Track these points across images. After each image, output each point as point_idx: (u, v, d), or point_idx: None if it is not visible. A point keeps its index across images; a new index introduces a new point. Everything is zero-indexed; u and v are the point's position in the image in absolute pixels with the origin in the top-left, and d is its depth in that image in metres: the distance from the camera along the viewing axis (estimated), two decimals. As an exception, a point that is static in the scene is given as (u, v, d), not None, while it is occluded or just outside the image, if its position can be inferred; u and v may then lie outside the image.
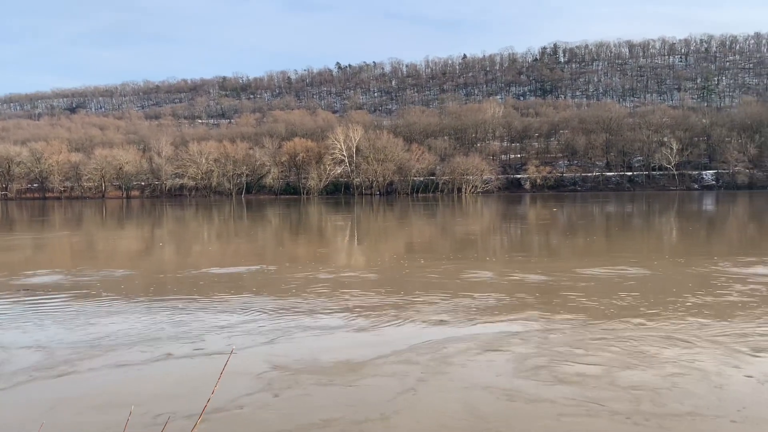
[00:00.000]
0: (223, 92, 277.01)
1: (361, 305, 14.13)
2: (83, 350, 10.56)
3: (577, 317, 12.60)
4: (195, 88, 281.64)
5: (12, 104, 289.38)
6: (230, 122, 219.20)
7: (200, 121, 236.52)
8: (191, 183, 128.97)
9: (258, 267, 21.00)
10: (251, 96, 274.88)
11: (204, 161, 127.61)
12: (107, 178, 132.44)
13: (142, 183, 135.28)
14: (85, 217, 62.10)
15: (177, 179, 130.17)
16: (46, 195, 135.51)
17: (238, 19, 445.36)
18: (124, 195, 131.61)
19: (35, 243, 33.65)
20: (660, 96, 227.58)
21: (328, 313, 13.39)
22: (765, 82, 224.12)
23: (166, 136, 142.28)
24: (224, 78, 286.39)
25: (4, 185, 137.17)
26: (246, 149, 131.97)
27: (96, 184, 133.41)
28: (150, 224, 50.11)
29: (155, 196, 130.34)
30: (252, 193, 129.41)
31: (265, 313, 13.42)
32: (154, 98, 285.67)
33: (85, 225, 50.28)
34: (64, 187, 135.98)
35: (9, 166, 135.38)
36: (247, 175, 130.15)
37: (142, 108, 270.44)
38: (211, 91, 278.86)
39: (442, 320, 12.53)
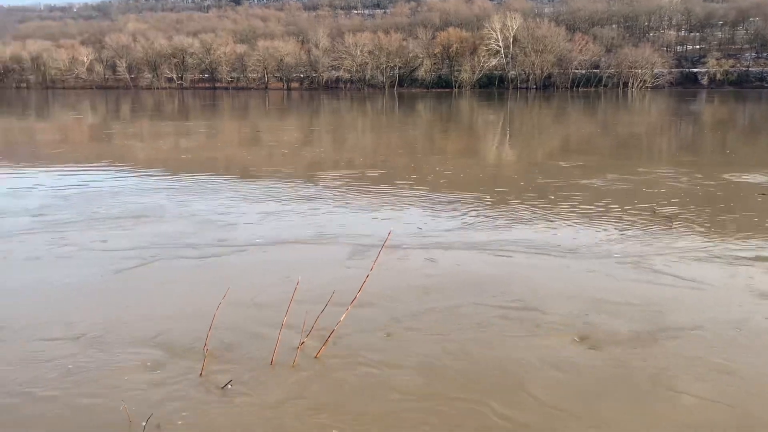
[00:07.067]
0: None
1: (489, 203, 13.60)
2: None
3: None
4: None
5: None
6: (385, 12, 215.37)
7: (356, 11, 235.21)
8: (346, 75, 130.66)
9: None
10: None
11: (359, 53, 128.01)
12: (269, 69, 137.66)
13: (301, 75, 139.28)
14: (258, 108, 65.61)
15: (333, 71, 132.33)
16: (216, 85, 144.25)
17: None
18: (285, 87, 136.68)
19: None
20: None
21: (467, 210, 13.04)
22: None
23: (323, 28, 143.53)
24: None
25: (179, 75, 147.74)
26: (399, 41, 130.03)
27: (259, 75, 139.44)
28: (329, 116, 51.87)
29: (313, 88, 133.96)
30: (404, 87, 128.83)
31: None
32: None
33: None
34: (231, 77, 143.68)
35: (183, 57, 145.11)
36: (399, 68, 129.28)
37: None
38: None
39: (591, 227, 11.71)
